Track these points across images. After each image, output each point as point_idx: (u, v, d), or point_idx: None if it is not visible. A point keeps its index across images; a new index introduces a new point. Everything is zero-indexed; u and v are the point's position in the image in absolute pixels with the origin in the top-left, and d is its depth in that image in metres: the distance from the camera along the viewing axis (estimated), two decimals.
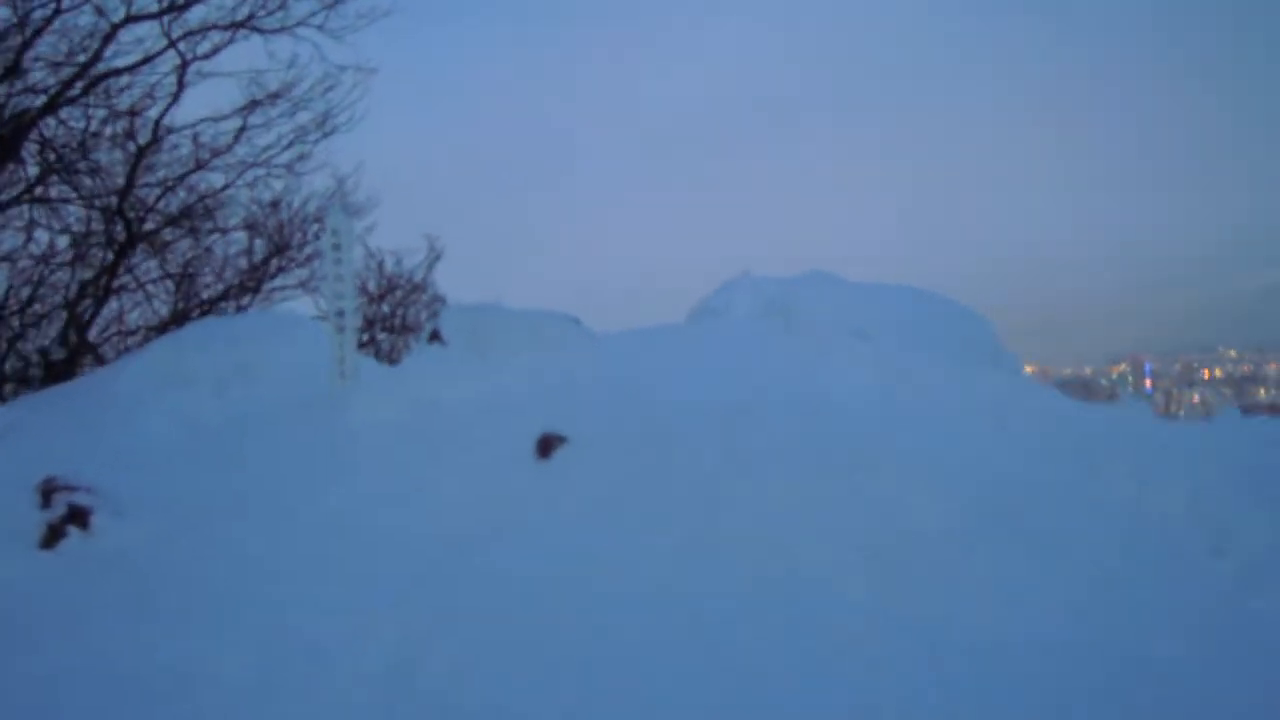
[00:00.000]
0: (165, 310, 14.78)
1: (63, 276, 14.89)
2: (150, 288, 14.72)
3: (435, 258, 18.11)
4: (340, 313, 9.47)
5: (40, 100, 13.42)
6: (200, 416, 9.36)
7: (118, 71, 13.30)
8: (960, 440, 7.63)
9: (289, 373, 10.31)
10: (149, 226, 13.99)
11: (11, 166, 13.92)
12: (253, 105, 14.29)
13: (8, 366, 13.38)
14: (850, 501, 6.60)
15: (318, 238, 15.91)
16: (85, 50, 13.21)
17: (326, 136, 15.06)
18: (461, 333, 9.55)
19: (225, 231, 15.06)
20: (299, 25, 14.01)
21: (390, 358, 16.68)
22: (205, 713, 4.88)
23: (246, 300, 15.40)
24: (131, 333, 14.48)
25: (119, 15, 13.11)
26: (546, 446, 7.59)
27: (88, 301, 13.64)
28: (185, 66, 13.29)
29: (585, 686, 4.99)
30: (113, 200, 13.42)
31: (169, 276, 14.77)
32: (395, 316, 17.48)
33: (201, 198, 14.38)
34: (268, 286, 15.54)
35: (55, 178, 14.15)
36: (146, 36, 13.44)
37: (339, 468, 7.79)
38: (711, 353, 9.46)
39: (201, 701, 4.96)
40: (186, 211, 14.27)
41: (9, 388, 13.27)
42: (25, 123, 13.34)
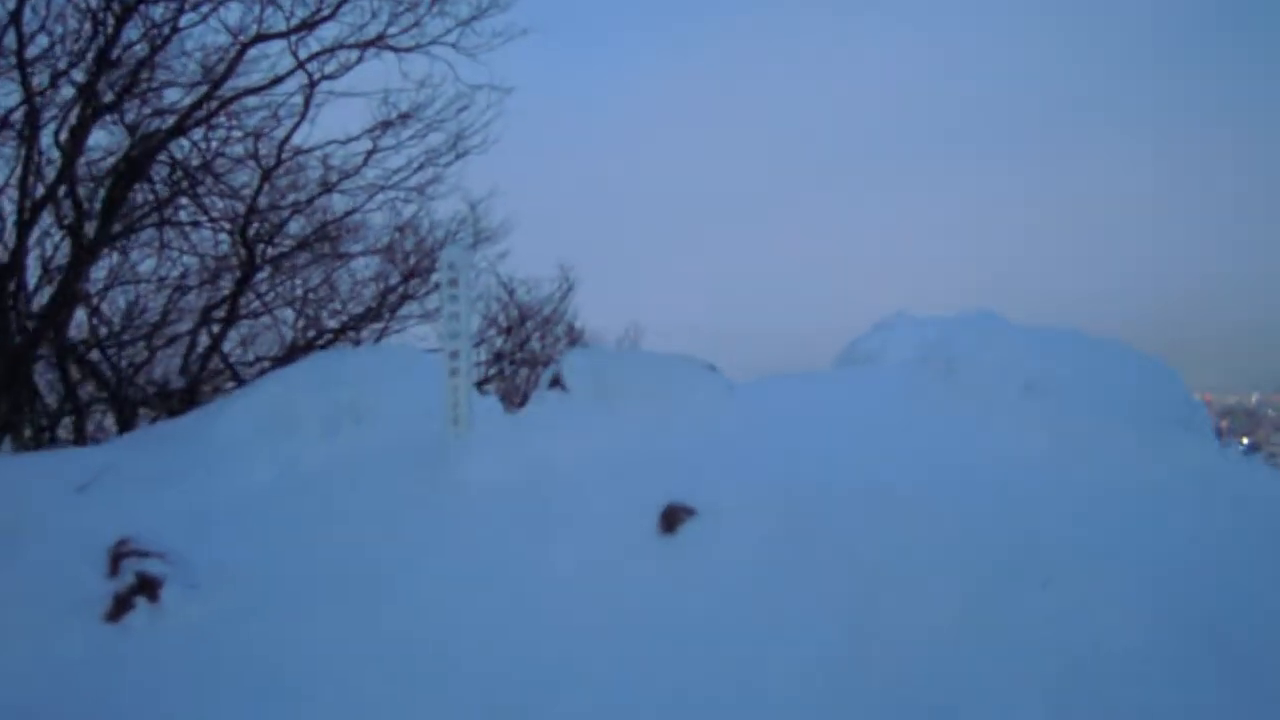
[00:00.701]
0: (291, 338, 14.35)
1: (192, 301, 14.62)
2: (277, 314, 14.30)
3: (569, 288, 17.40)
4: (455, 354, 8.68)
5: (170, 121, 13.15)
6: (302, 463, 8.69)
7: (246, 92, 12.90)
8: (1153, 531, 6.38)
9: (402, 413, 9.59)
10: (276, 250, 13.55)
11: (142, 188, 13.70)
12: (383, 126, 13.74)
13: (131, 394, 13.06)
14: (1025, 613, 5.45)
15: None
16: (215, 71, 12.89)
17: (459, 158, 14.42)
18: (585, 378, 8.65)
19: (353, 256, 14.58)
20: (433, 44, 13.41)
21: (519, 393, 15.98)
22: None
23: (374, 329, 14.88)
24: (253, 362, 14.06)
25: (249, 34, 12.75)
26: (672, 520, 6.62)
27: (212, 328, 13.28)
28: (313, 86, 12.82)
29: None
30: (238, 223, 13.02)
31: (293, 302, 14.34)
32: (525, 349, 16.77)
33: (329, 221, 13.91)
34: (397, 314, 14.98)
35: (184, 199, 13.86)
36: (276, 56, 13.06)
37: (441, 537, 6.96)
38: (863, 409, 8.36)
39: None
40: (314, 235, 13.81)
41: (129, 420, 12.95)
42: (154, 144, 13.05)
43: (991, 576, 5.69)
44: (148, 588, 6.10)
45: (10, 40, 11.47)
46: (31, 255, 12.91)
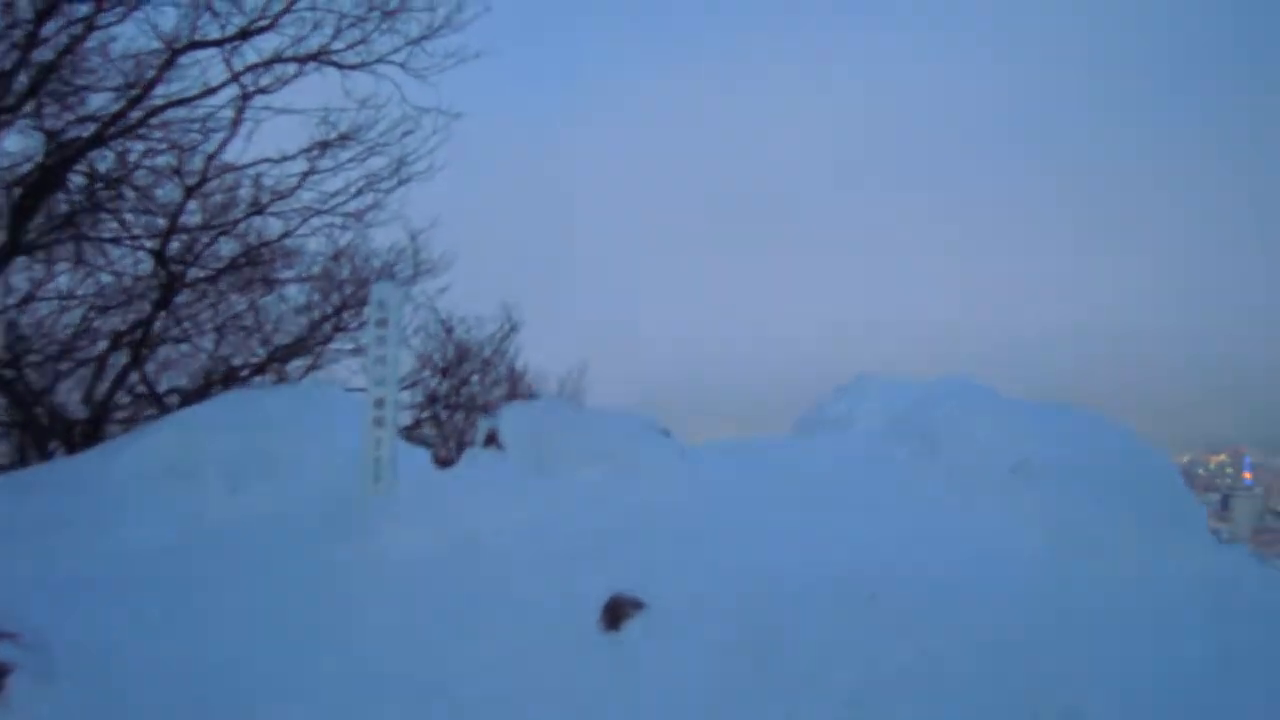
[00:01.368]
0: (208, 368, 13.25)
1: (110, 323, 13.51)
2: (197, 342, 13.21)
3: (511, 328, 16.46)
4: (380, 402, 7.76)
5: (91, 129, 12.12)
6: (203, 520, 7.73)
7: (175, 103, 11.89)
8: (1163, 649, 5.63)
9: (320, 465, 8.64)
10: (199, 273, 12.49)
11: (56, 199, 12.63)
12: (321, 146, 12.74)
13: (35, 419, 11.90)
14: None
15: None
16: (142, 78, 11.90)
17: (401, 185, 13.43)
18: (524, 438, 7.77)
19: (283, 283, 13.54)
20: (379, 62, 12.48)
21: (454, 440, 14.97)
22: None
23: (300, 363, 13.84)
24: (165, 393, 12.94)
25: (181, 41, 11.78)
26: (616, 615, 5.74)
27: (120, 354, 12.19)
28: (246, 100, 11.82)
29: None
30: (158, 242, 11.98)
31: (216, 330, 13.25)
32: (462, 392, 15.76)
33: (258, 245, 12.88)
34: (327, 347, 13.94)
35: (103, 213, 12.80)
36: (208, 63, 12.09)
37: (349, 620, 6.02)
38: (831, 485, 7.56)
39: None
40: (242, 259, 12.77)
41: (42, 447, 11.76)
42: (72, 151, 12.00)
43: (981, 708, 4.86)
44: None
45: None
46: None
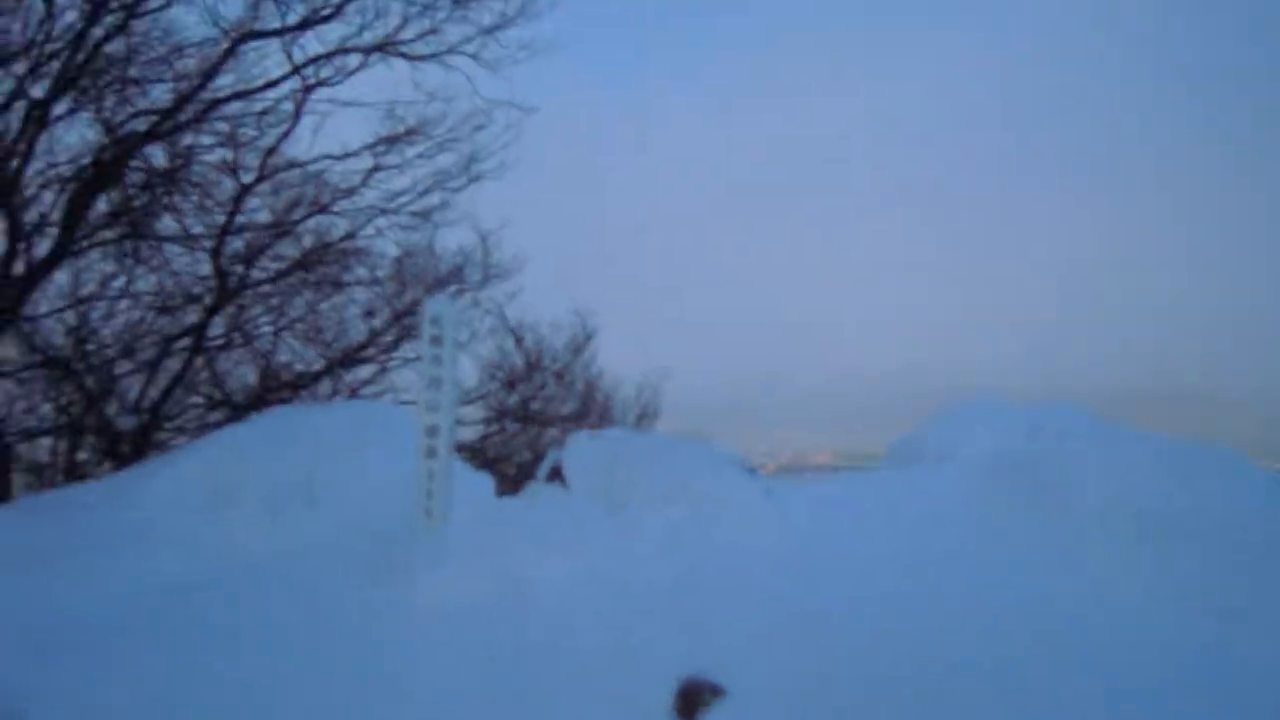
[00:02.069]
0: (269, 376, 12.61)
1: (170, 325, 12.97)
2: (254, 348, 12.58)
3: (586, 338, 15.62)
4: (433, 430, 7.00)
5: (146, 124, 11.57)
6: (236, 553, 7.03)
7: (232, 96, 11.27)
8: None
9: (369, 491, 7.93)
10: (256, 275, 11.86)
11: (115, 196, 12.12)
12: (387, 141, 12.09)
13: (87, 432, 11.38)
14: None
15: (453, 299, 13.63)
16: (199, 70, 11.32)
17: (471, 183, 12.77)
18: (591, 473, 6.95)
19: (345, 286, 12.87)
20: (450, 52, 11.81)
21: (520, 459, 14.19)
22: None
23: (360, 373, 13.15)
24: (213, 404, 12.33)
25: (240, 30, 11.17)
26: (691, 702, 4.87)
27: (174, 359, 11.60)
28: (307, 92, 11.17)
29: None
30: (214, 243, 11.37)
31: (275, 335, 12.61)
32: (533, 404, 14.92)
33: (319, 246, 12.22)
34: (391, 356, 13.24)
35: (159, 211, 12.25)
36: (268, 55, 11.47)
37: (381, 683, 5.24)
38: (934, 538, 6.60)
39: None
40: (302, 260, 12.12)
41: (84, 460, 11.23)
42: (128, 147, 11.46)
43: None
44: None
45: None
46: None
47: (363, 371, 13.30)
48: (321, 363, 12.62)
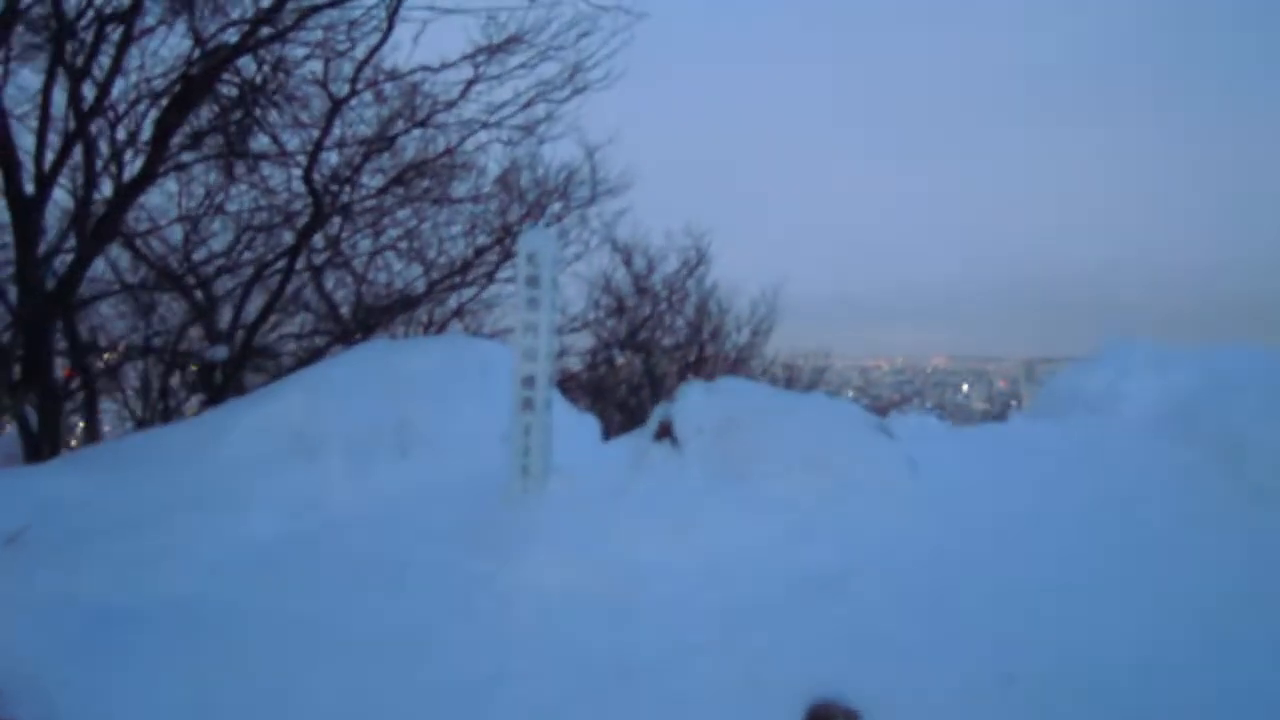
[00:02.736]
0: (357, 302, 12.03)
1: (264, 246, 12.49)
2: (349, 270, 12.01)
3: (699, 258, 14.65)
4: (530, 381, 6.27)
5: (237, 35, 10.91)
6: (318, 510, 6.46)
7: (324, 5, 10.50)
8: None
9: (464, 440, 7.30)
10: (351, 196, 11.21)
11: (207, 113, 11.57)
12: (488, 51, 11.23)
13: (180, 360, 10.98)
14: None
15: (559, 218, 12.81)
16: None
17: (576, 94, 11.87)
18: (706, 433, 6.14)
19: (444, 203, 12.16)
20: None
21: (625, 392, 13.40)
22: None
23: (464, 295, 12.48)
24: (307, 335, 11.83)
25: None
26: None
27: (267, 283, 11.10)
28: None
29: None
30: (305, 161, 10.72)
31: (374, 254, 11.98)
32: (641, 334, 14.07)
33: (417, 163, 11.51)
34: (495, 278, 12.51)
35: (254, 127, 11.67)
36: None
37: (462, 670, 4.61)
38: (1110, 514, 5.66)
39: None
40: (398, 178, 11.43)
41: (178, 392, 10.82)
42: (216, 61, 10.83)
43: None
44: None
45: None
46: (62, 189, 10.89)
47: (466, 293, 12.63)
48: (423, 284, 11.99)
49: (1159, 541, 5.24)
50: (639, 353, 14.09)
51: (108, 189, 11.11)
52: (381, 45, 10.39)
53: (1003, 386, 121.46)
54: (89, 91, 10.41)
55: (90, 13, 10.06)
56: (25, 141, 10.23)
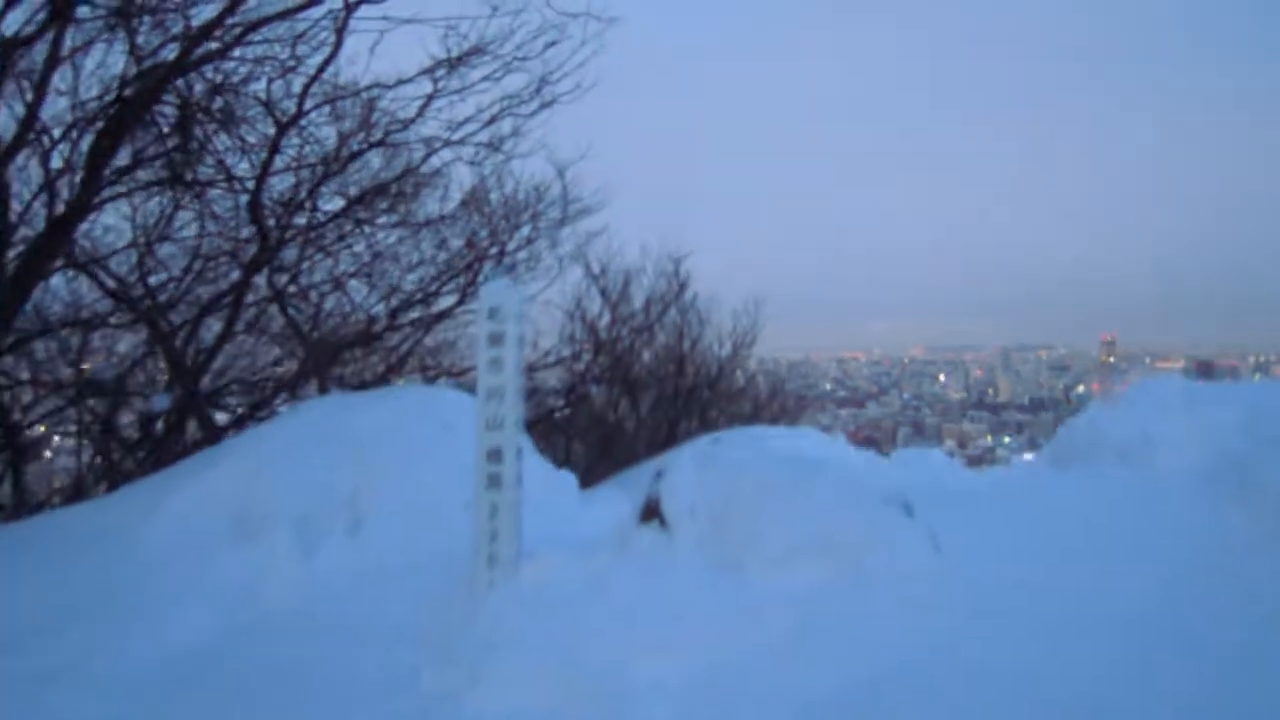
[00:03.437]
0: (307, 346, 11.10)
1: (211, 281, 11.59)
2: (296, 309, 11.13)
3: (680, 286, 13.82)
4: (496, 455, 5.48)
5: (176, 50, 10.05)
6: (252, 607, 5.66)
7: (265, 20, 9.66)
8: None
9: (423, 512, 6.50)
10: (302, 223, 10.34)
11: (150, 135, 10.70)
12: (448, 64, 10.42)
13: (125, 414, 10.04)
14: None
15: (529, 240, 11.98)
16: None
17: (544, 108, 11.10)
18: (699, 513, 5.35)
19: (405, 227, 11.31)
20: None
21: (596, 429, 12.55)
22: None
23: (414, 337, 11.60)
24: (260, 382, 10.96)
25: None
26: None
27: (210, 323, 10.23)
28: (350, 11, 9.50)
29: None
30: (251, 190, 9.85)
31: (329, 285, 11.10)
32: (619, 367, 13.22)
33: (373, 187, 10.67)
34: (457, 312, 11.67)
35: (198, 150, 10.80)
36: None
37: None
38: (1180, 600, 4.90)
39: None
40: (352, 204, 10.57)
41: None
42: (154, 82, 9.96)
43: None
44: None
45: None
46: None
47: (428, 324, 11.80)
48: (383, 317, 11.14)
49: (1232, 643, 4.48)
50: (617, 386, 13.27)
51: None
52: (330, 61, 9.57)
53: (978, 375, 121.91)
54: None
55: None
56: None
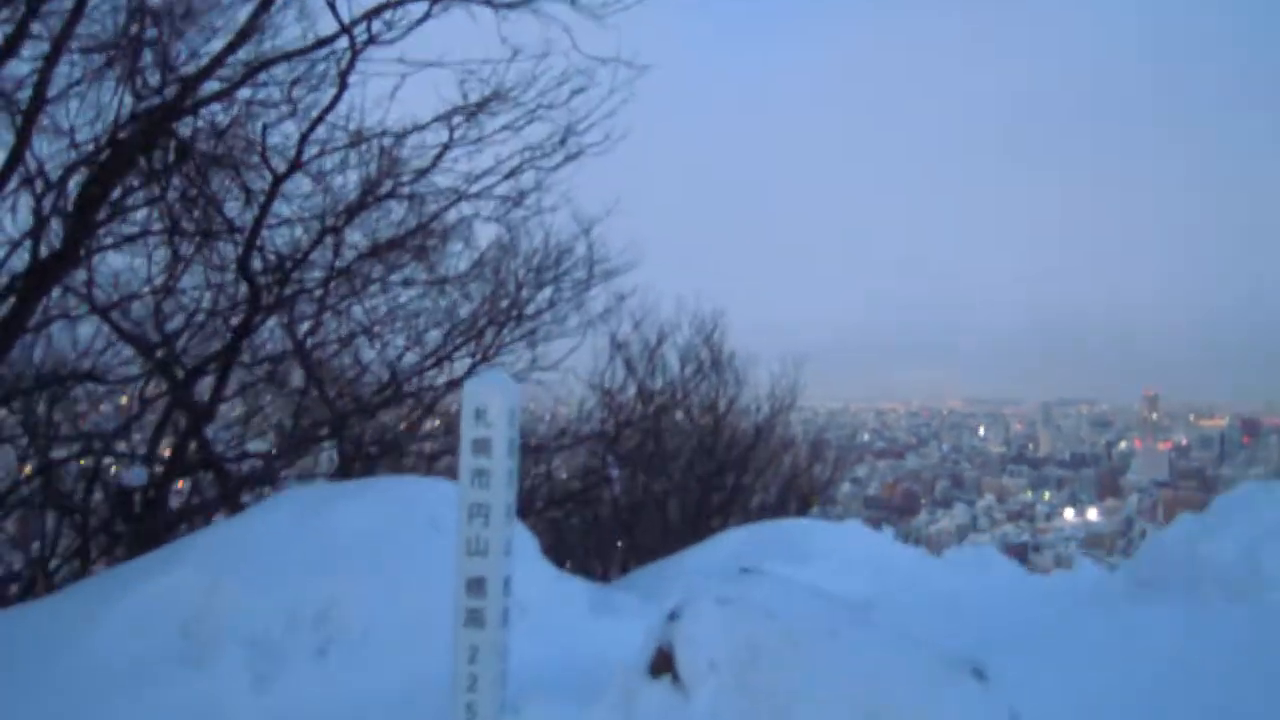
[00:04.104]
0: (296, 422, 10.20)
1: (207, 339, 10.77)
2: (287, 375, 10.29)
3: (716, 349, 12.83)
4: (477, 586, 4.55)
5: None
6: None
7: (265, 64, 8.89)
8: None
9: (402, 631, 5.57)
10: (292, 287, 9.47)
11: (138, 182, 9.96)
12: (464, 112, 9.58)
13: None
14: None
15: (551, 304, 11.05)
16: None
17: (570, 160, 10.23)
18: (720, 668, 4.38)
19: (415, 285, 10.47)
20: None
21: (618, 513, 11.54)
22: None
23: (414, 413, 10.67)
24: (248, 456, 10.08)
25: None
26: None
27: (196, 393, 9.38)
28: (356, 53, 8.68)
29: None
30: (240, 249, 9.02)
31: (314, 353, 10.18)
32: (645, 446, 12.15)
33: (381, 245, 9.81)
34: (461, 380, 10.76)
35: (197, 201, 10.03)
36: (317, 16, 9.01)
37: None
38: None
39: None
40: (345, 270, 9.66)
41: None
42: (150, 123, 9.22)
43: None
44: None
45: None
46: None
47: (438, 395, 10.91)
48: (396, 378, 10.25)
49: None
50: (641, 468, 12.21)
51: None
52: (332, 107, 8.75)
53: (1019, 429, 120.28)
54: None
55: None
56: None
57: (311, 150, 8.97)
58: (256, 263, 9.27)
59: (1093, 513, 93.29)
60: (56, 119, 9.59)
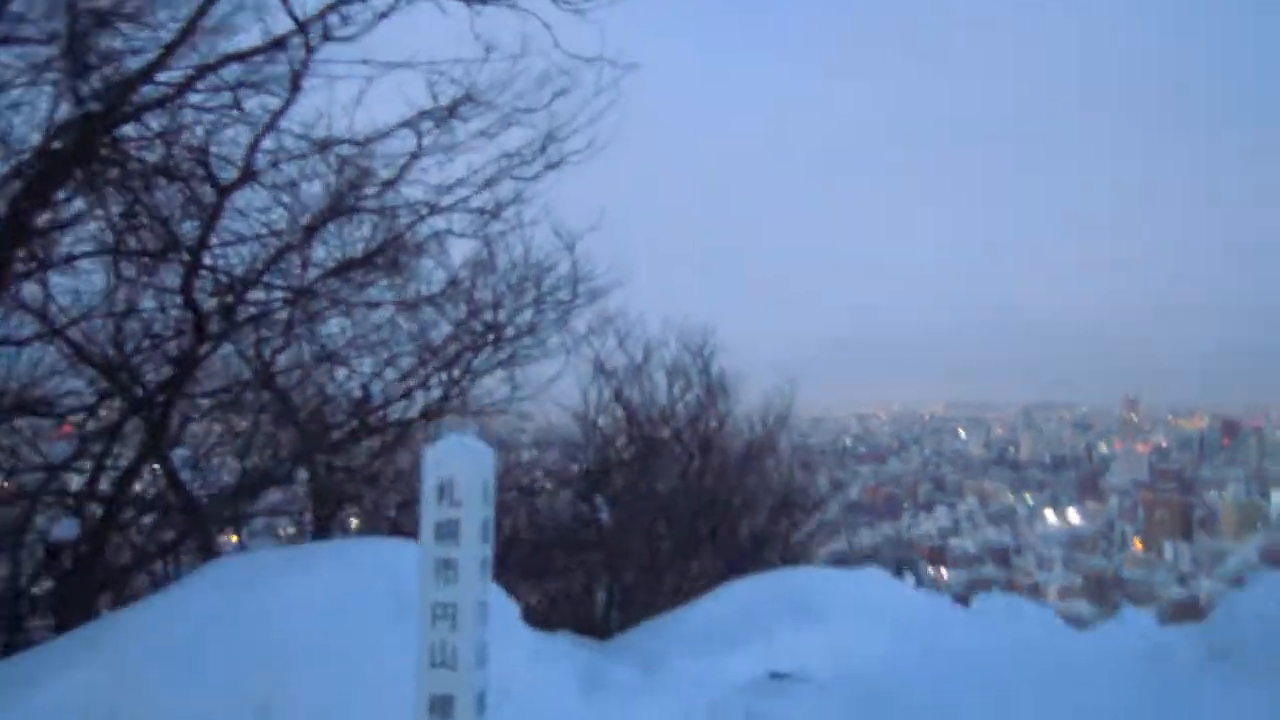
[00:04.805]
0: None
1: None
2: (237, 412, 9.37)
3: (708, 388, 11.97)
4: (445, 705, 3.70)
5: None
6: None
7: (207, 68, 7.97)
8: None
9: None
10: (249, 312, 8.55)
11: (85, 197, 9.03)
12: (433, 116, 8.67)
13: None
14: None
15: (530, 329, 10.14)
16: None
17: (551, 169, 9.35)
18: None
19: (377, 307, 9.57)
20: None
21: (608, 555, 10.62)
22: None
23: (385, 446, 9.75)
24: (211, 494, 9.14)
25: None
26: None
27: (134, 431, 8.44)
28: (310, 52, 7.77)
29: None
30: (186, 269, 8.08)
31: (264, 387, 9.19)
32: (638, 488, 11.25)
33: (341, 265, 8.89)
34: (440, 419, 9.83)
35: (140, 217, 9.09)
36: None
37: None
38: None
39: None
40: (300, 292, 8.73)
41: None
42: (88, 132, 8.30)
43: None
44: None
45: None
46: None
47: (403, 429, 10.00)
48: (352, 419, 9.35)
49: None
50: (635, 512, 11.28)
51: None
52: (283, 112, 7.83)
53: (1000, 433, 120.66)
54: None
55: None
56: None
57: (264, 160, 8.02)
58: (206, 285, 8.35)
59: (1073, 514, 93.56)
60: None
